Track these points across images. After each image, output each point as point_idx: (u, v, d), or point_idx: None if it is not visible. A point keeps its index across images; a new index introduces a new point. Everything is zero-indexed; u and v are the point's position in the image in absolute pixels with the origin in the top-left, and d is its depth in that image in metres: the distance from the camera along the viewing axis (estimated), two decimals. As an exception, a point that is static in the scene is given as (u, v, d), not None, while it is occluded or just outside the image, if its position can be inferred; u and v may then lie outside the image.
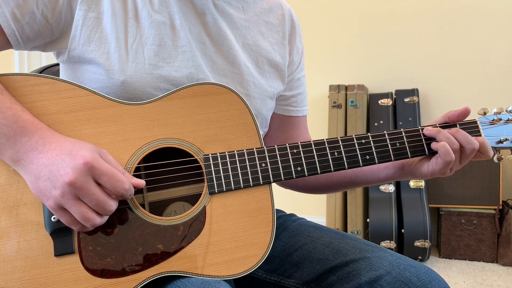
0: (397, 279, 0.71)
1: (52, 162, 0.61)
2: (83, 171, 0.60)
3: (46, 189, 0.60)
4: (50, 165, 0.60)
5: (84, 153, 0.61)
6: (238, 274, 0.69)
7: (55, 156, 0.61)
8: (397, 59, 2.81)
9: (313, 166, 0.76)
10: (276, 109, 0.97)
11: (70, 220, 0.62)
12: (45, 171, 0.61)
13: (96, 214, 0.62)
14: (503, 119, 0.82)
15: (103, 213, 0.62)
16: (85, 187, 0.60)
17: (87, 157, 0.60)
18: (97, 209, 0.61)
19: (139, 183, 0.65)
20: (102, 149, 0.65)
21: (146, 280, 0.66)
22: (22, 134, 0.63)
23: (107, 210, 0.62)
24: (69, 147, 0.62)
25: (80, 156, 0.60)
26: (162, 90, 0.75)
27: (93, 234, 0.67)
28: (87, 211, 0.61)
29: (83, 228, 0.63)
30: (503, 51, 2.61)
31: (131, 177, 0.65)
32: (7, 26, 0.69)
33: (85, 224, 0.62)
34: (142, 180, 0.66)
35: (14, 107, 0.64)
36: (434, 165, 0.78)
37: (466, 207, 2.47)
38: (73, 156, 0.60)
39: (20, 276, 0.64)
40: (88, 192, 0.60)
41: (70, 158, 0.60)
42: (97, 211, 0.62)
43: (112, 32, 0.73)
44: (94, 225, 0.62)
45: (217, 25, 0.82)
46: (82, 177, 0.59)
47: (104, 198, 0.61)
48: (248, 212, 0.72)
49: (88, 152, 0.61)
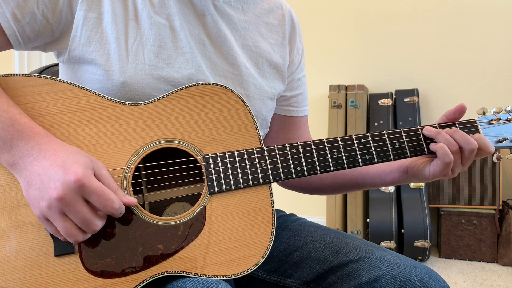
0: (397, 279, 0.71)
1: (44, 172, 0.61)
2: (72, 188, 0.59)
3: (35, 198, 0.61)
4: (43, 174, 0.61)
5: (76, 168, 0.60)
6: (238, 274, 0.69)
7: (49, 167, 0.61)
8: (397, 59, 2.81)
9: (313, 166, 0.76)
10: (277, 110, 0.97)
11: (55, 230, 0.63)
12: (37, 180, 0.61)
13: (80, 231, 0.62)
14: (502, 119, 0.82)
15: (88, 231, 0.63)
16: (72, 204, 0.60)
17: (79, 174, 0.60)
18: (81, 227, 0.62)
19: (130, 201, 0.65)
20: (98, 162, 0.65)
21: (147, 280, 0.66)
22: (19, 138, 0.63)
23: (92, 229, 0.62)
24: (63, 159, 0.62)
25: (72, 172, 0.60)
26: (162, 91, 0.75)
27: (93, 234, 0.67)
28: (71, 227, 0.61)
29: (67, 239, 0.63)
30: (503, 51, 2.61)
31: (124, 195, 0.65)
32: (7, 27, 0.70)
33: (68, 239, 0.62)
34: (133, 198, 0.66)
35: (11, 110, 0.64)
36: (435, 167, 0.78)
37: (466, 207, 2.47)
38: (66, 170, 0.60)
39: (20, 276, 0.64)
40: (75, 209, 0.60)
41: (62, 172, 0.60)
42: (81, 228, 0.62)
43: (112, 32, 0.74)
44: (77, 241, 0.63)
45: (217, 26, 0.82)
46: (70, 194, 0.59)
47: (90, 217, 0.61)
48: (248, 212, 0.72)
49: (80, 168, 0.60)
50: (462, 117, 0.81)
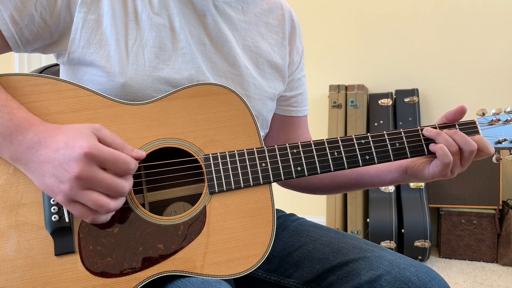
0: (397, 278, 0.71)
1: (53, 158, 0.60)
2: (85, 162, 0.59)
3: (54, 184, 0.60)
4: (52, 161, 0.60)
5: (80, 142, 0.60)
6: (238, 273, 0.69)
7: (54, 152, 0.60)
8: (397, 59, 2.81)
9: (313, 166, 0.76)
10: (277, 110, 0.97)
11: (82, 211, 0.62)
12: (48, 168, 0.60)
13: (110, 198, 0.61)
14: (502, 120, 0.82)
15: (118, 195, 0.62)
16: (92, 176, 0.59)
17: (85, 147, 0.59)
18: (111, 193, 0.61)
19: (139, 154, 0.65)
20: (95, 125, 0.64)
21: (147, 280, 0.67)
22: (17, 133, 0.63)
23: (121, 191, 0.62)
24: (64, 140, 0.61)
25: (79, 147, 0.59)
26: (163, 92, 0.75)
27: (93, 233, 0.67)
28: (100, 197, 0.60)
29: (95, 219, 0.62)
30: (503, 51, 2.61)
31: (131, 149, 0.65)
32: (6, 29, 0.69)
33: (100, 211, 0.61)
34: (142, 152, 0.66)
35: (9, 105, 0.64)
36: (434, 167, 0.78)
37: (466, 207, 2.47)
38: (72, 149, 0.59)
39: (20, 275, 0.64)
40: (97, 179, 0.60)
41: (69, 151, 0.59)
42: (111, 195, 0.61)
43: (112, 34, 0.73)
44: (109, 210, 0.62)
45: (217, 26, 0.82)
46: (86, 167, 0.59)
47: (114, 181, 0.61)
48: (248, 212, 0.72)
49: (84, 140, 0.60)
50: (462, 117, 0.81)
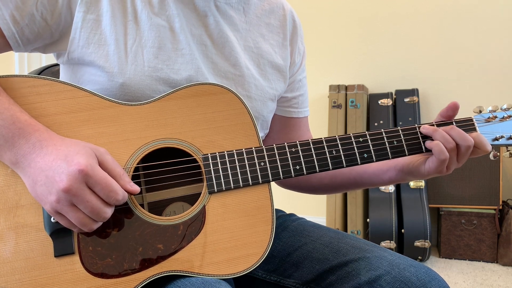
0: (397, 278, 0.71)
1: (48, 167, 0.61)
2: (77, 178, 0.60)
3: (43, 194, 0.61)
4: (47, 170, 0.61)
5: (79, 159, 0.61)
6: (238, 273, 0.69)
7: (52, 161, 0.61)
8: (397, 59, 2.81)
9: (312, 165, 0.76)
10: (277, 111, 0.97)
11: (68, 223, 0.63)
12: (42, 176, 0.61)
13: (92, 220, 0.63)
14: (499, 117, 0.83)
15: (98, 219, 0.63)
16: (80, 194, 0.60)
17: (82, 164, 0.60)
18: (91, 216, 0.62)
19: (134, 189, 0.65)
20: (100, 149, 0.65)
21: (147, 280, 0.66)
22: (20, 136, 0.63)
23: (102, 217, 0.63)
24: (65, 152, 0.62)
25: (76, 163, 0.60)
26: (161, 92, 0.75)
27: (93, 234, 0.67)
28: (83, 216, 0.62)
29: (81, 230, 0.64)
30: (503, 51, 2.61)
31: (128, 181, 0.65)
32: (6, 29, 0.70)
33: (83, 229, 0.63)
34: (137, 187, 0.66)
35: (12, 108, 0.64)
36: (430, 164, 0.78)
37: (466, 207, 2.47)
38: (69, 162, 0.60)
39: (20, 277, 0.64)
40: (83, 199, 0.60)
41: (66, 164, 0.60)
42: (92, 217, 0.62)
43: (111, 34, 0.74)
44: (91, 229, 0.63)
45: (219, 27, 0.82)
46: (76, 185, 0.60)
47: (98, 206, 0.62)
48: (247, 211, 0.72)
49: (83, 158, 0.61)
50: (456, 114, 0.82)
